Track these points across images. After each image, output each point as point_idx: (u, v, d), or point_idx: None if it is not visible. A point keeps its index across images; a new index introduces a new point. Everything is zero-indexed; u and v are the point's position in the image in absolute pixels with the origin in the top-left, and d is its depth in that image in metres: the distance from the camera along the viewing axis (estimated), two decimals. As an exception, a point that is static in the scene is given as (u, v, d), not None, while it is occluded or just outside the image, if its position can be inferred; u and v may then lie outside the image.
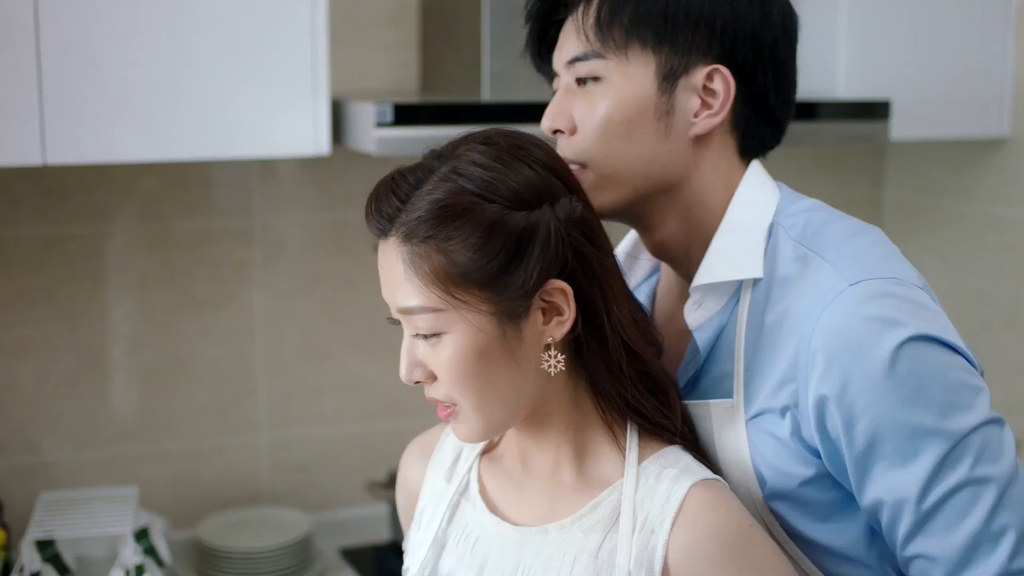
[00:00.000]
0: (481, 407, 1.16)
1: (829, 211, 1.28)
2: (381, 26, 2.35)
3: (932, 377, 1.13)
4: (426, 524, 1.29)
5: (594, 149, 1.26)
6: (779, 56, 1.28)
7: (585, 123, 1.26)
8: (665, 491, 1.15)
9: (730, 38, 1.25)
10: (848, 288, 1.15)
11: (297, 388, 2.43)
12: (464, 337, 1.13)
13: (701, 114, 1.26)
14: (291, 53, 1.94)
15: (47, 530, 2.07)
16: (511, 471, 1.26)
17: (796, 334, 1.17)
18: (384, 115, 1.91)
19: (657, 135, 1.25)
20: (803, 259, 1.21)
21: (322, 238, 2.41)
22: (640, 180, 1.26)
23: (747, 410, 1.21)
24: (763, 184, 1.30)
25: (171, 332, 2.33)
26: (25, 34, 1.79)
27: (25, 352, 2.24)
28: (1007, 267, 2.47)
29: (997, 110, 2.42)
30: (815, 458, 1.18)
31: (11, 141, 1.82)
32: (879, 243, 1.24)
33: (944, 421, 1.12)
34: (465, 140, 1.18)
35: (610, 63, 1.25)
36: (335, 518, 2.47)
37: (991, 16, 2.38)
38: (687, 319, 1.26)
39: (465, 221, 1.12)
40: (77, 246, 2.25)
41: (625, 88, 1.24)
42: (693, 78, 1.25)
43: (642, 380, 1.20)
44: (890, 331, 1.13)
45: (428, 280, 1.12)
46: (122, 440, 2.32)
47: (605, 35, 1.25)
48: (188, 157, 1.94)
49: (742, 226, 1.26)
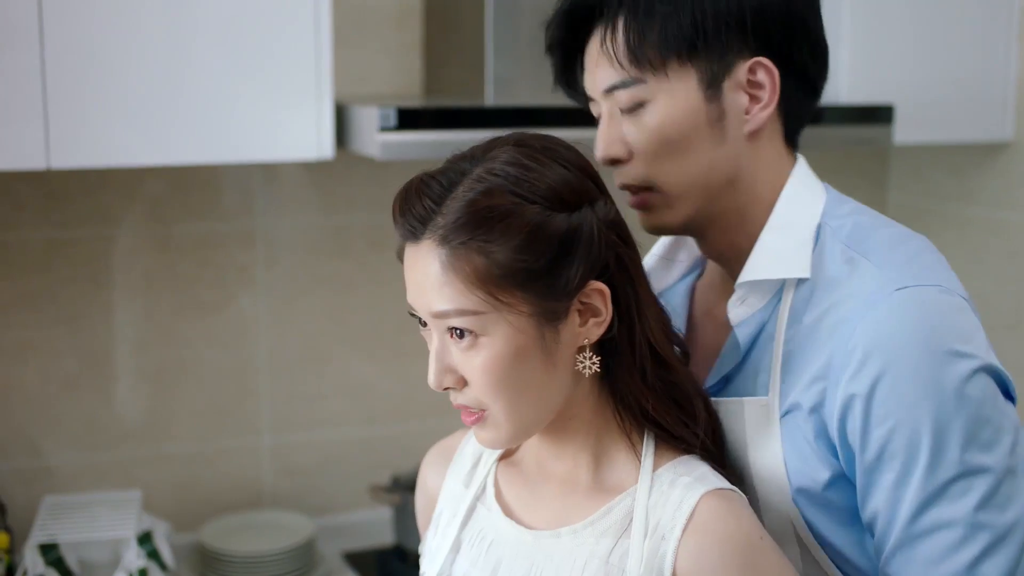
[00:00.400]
0: (512, 412, 1.15)
1: (876, 216, 1.28)
2: (385, 29, 2.35)
3: (965, 404, 1.12)
4: (443, 528, 1.30)
5: (655, 171, 1.26)
6: (810, 26, 1.28)
7: (640, 148, 1.25)
8: (678, 498, 1.15)
9: (762, 28, 1.24)
10: (895, 292, 1.15)
11: (300, 391, 2.43)
12: (503, 339, 1.12)
13: (752, 109, 1.25)
14: (294, 57, 1.94)
15: (50, 534, 2.07)
16: (528, 476, 1.26)
17: (836, 334, 1.17)
18: (388, 119, 1.91)
19: (713, 142, 1.25)
20: (851, 262, 1.20)
21: (325, 242, 2.41)
22: (705, 189, 1.26)
23: (780, 408, 1.21)
24: (810, 181, 1.30)
25: (174, 335, 2.33)
26: (29, 38, 1.80)
27: (28, 355, 2.24)
28: (1010, 271, 2.46)
29: (1000, 114, 2.42)
30: (836, 460, 1.18)
31: (15, 145, 1.82)
32: (926, 250, 1.23)
33: (963, 451, 1.11)
34: (495, 143, 1.17)
35: (651, 85, 1.24)
36: (338, 522, 2.47)
37: (994, 20, 2.38)
38: (730, 314, 1.26)
39: (509, 222, 1.11)
40: (80, 249, 2.25)
41: (672, 106, 1.24)
42: (736, 77, 1.24)
43: (667, 389, 1.20)
44: (932, 341, 1.12)
45: (469, 282, 1.11)
46: (125, 443, 2.32)
47: (639, 59, 1.23)
48: (191, 161, 1.94)
49: (790, 223, 1.26)
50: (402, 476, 2.34)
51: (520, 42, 2.09)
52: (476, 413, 1.17)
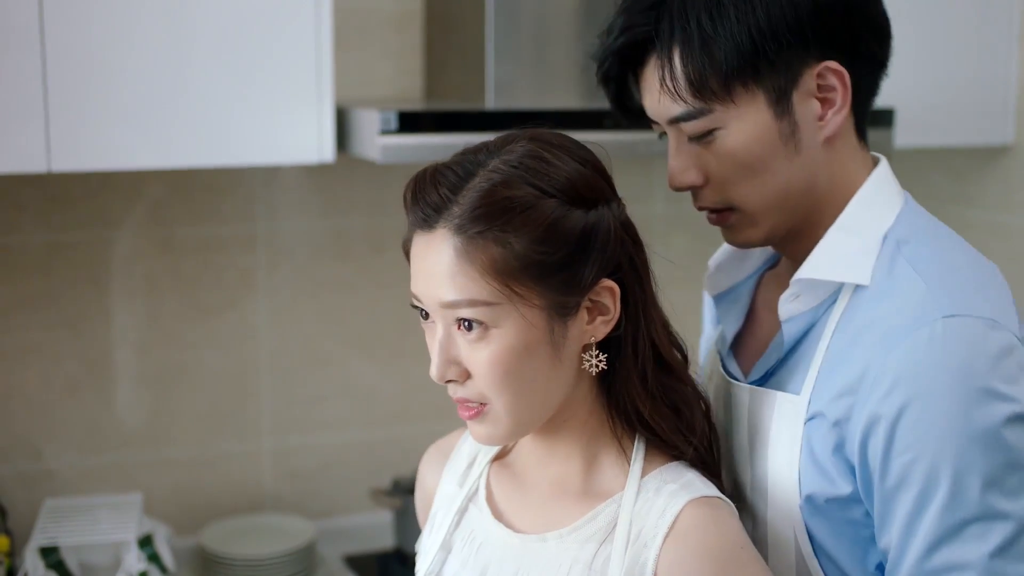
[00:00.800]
0: (514, 406, 1.15)
1: (950, 236, 1.25)
2: (385, 33, 2.35)
3: (996, 447, 1.08)
4: (437, 528, 1.30)
5: (735, 194, 1.24)
6: (870, 11, 1.25)
7: (717, 173, 1.23)
8: (662, 506, 1.14)
9: (823, 31, 1.20)
10: (939, 320, 1.11)
11: (301, 395, 2.43)
12: (514, 331, 1.12)
13: (827, 114, 1.22)
14: (295, 60, 1.94)
15: (51, 537, 2.07)
16: (519, 478, 1.26)
17: (873, 350, 1.14)
18: (388, 122, 1.91)
19: (788, 156, 1.22)
20: (906, 278, 1.17)
21: (326, 245, 2.41)
22: (785, 202, 1.24)
23: (808, 410, 1.19)
24: (888, 187, 1.27)
25: (175, 338, 2.33)
26: (30, 41, 1.80)
27: (29, 358, 2.24)
28: (1011, 274, 2.44)
29: (1001, 118, 2.41)
30: (851, 477, 1.16)
31: (16, 148, 1.82)
32: (990, 280, 1.20)
33: (984, 493, 1.08)
34: (510, 137, 1.17)
35: (718, 114, 1.21)
36: (338, 525, 2.47)
37: (995, 24, 2.38)
38: (780, 309, 1.24)
39: (529, 214, 1.10)
40: (81, 252, 2.25)
41: (744, 131, 1.21)
42: (805, 86, 1.21)
43: (665, 394, 1.20)
44: (968, 377, 1.09)
45: (484, 272, 1.10)
46: (126, 446, 2.32)
47: (703, 92, 1.20)
48: (192, 164, 1.94)
49: (858, 226, 1.23)
50: (403, 479, 2.34)
51: (520, 45, 2.10)
52: (475, 407, 1.16)
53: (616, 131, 1.83)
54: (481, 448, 1.32)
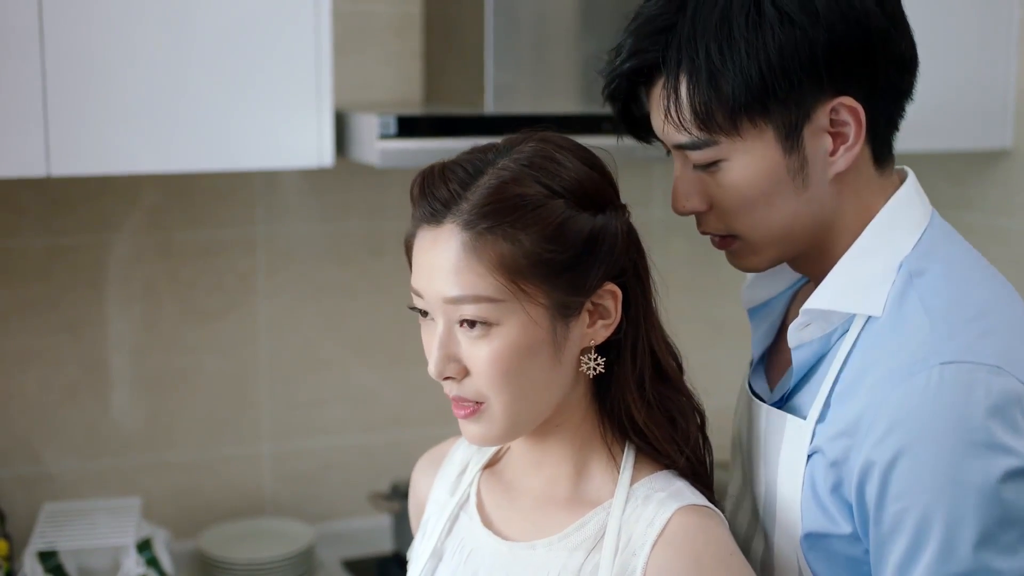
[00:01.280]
0: (512, 406, 1.14)
1: (970, 267, 1.19)
2: (385, 37, 2.35)
3: (991, 503, 1.05)
4: (428, 535, 1.30)
5: (738, 224, 1.21)
6: (893, 41, 1.18)
7: (721, 203, 1.20)
8: (650, 514, 1.14)
9: (839, 65, 1.14)
10: (937, 367, 1.08)
11: (300, 399, 2.43)
12: (517, 329, 1.11)
13: (838, 151, 1.17)
14: (295, 65, 1.94)
15: (49, 541, 2.07)
16: (508, 486, 1.26)
17: (871, 393, 1.11)
18: (388, 127, 1.91)
19: (796, 192, 1.18)
20: (914, 314, 1.13)
21: (325, 249, 2.41)
22: (790, 235, 1.21)
23: (813, 441, 1.16)
24: (909, 208, 1.21)
25: (174, 342, 2.33)
26: (29, 45, 1.80)
27: (28, 362, 2.24)
28: (1009, 278, 2.45)
29: (999, 122, 2.42)
30: (850, 516, 1.14)
31: (15, 152, 1.82)
32: (1003, 321, 1.14)
33: (977, 550, 1.05)
34: (520, 138, 1.17)
35: (724, 147, 1.17)
36: (337, 529, 2.47)
37: (993, 28, 2.38)
38: (789, 337, 1.21)
39: (540, 212, 1.10)
40: (81, 256, 2.25)
41: (749, 165, 1.17)
42: (817, 122, 1.16)
43: (662, 402, 1.20)
44: (964, 428, 1.05)
45: (492, 267, 1.10)
46: (125, 450, 2.32)
47: (708, 124, 1.16)
48: (192, 169, 1.94)
49: (873, 254, 1.18)
50: (401, 484, 2.34)
51: (520, 50, 2.10)
52: (471, 406, 1.15)
53: (614, 135, 1.82)
54: (473, 456, 1.32)
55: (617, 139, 1.34)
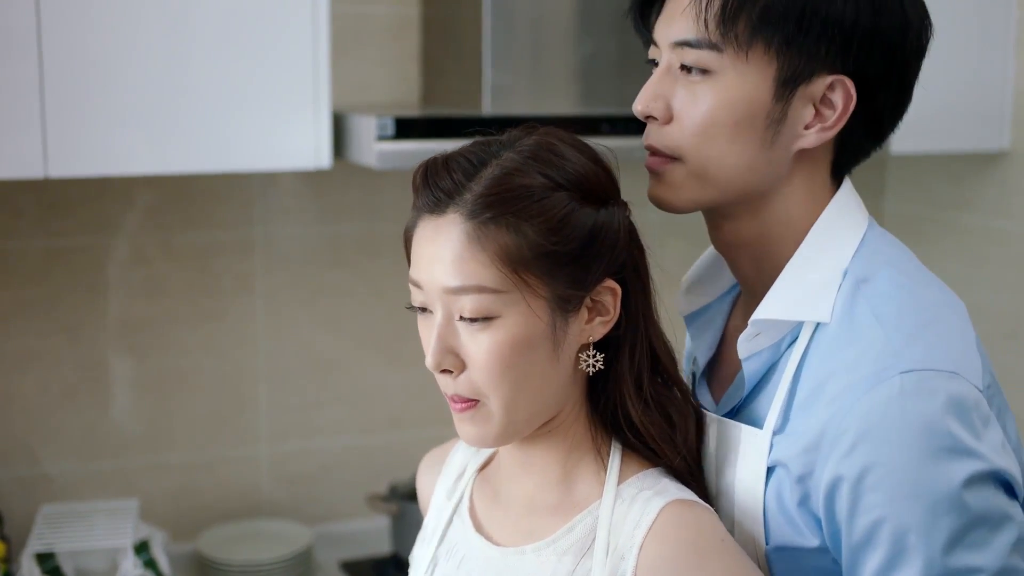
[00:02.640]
0: (511, 403, 1.13)
1: (912, 273, 1.18)
2: (382, 39, 2.35)
3: (957, 507, 1.05)
4: (428, 539, 1.30)
5: (690, 146, 1.17)
6: (908, 76, 1.19)
7: (685, 116, 1.16)
8: (637, 514, 1.13)
9: (865, 52, 1.14)
10: (898, 375, 1.07)
11: (297, 400, 2.43)
12: (518, 322, 1.10)
13: (813, 126, 1.16)
14: (293, 66, 1.95)
15: (47, 543, 2.07)
16: (499, 489, 1.25)
17: (833, 406, 1.10)
18: (385, 128, 1.91)
19: (762, 143, 1.16)
20: (865, 324, 1.12)
21: (323, 251, 2.41)
22: (731, 185, 1.17)
23: (771, 454, 1.15)
24: (848, 216, 1.21)
25: (172, 344, 2.33)
26: (27, 47, 1.80)
27: (26, 364, 2.24)
28: (1008, 279, 2.47)
29: (997, 123, 2.42)
30: (819, 529, 1.13)
31: (13, 154, 1.82)
32: (952, 324, 1.14)
33: (950, 553, 1.05)
34: (522, 131, 1.17)
35: (725, 58, 1.14)
36: (335, 531, 2.47)
37: (991, 30, 2.39)
38: (739, 347, 1.20)
39: (544, 203, 1.10)
40: (79, 258, 2.25)
41: (738, 89, 1.14)
42: (813, 87, 1.15)
43: (659, 400, 1.19)
44: (929, 437, 1.05)
45: (495, 258, 1.09)
46: (123, 452, 2.32)
47: (728, 28, 1.13)
48: (190, 170, 1.94)
49: (816, 261, 1.17)
50: (400, 485, 2.34)
51: (517, 51, 2.10)
52: (469, 402, 1.14)
53: (613, 136, 1.83)
54: (471, 459, 1.31)
55: (614, 138, 1.33)
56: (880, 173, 2.77)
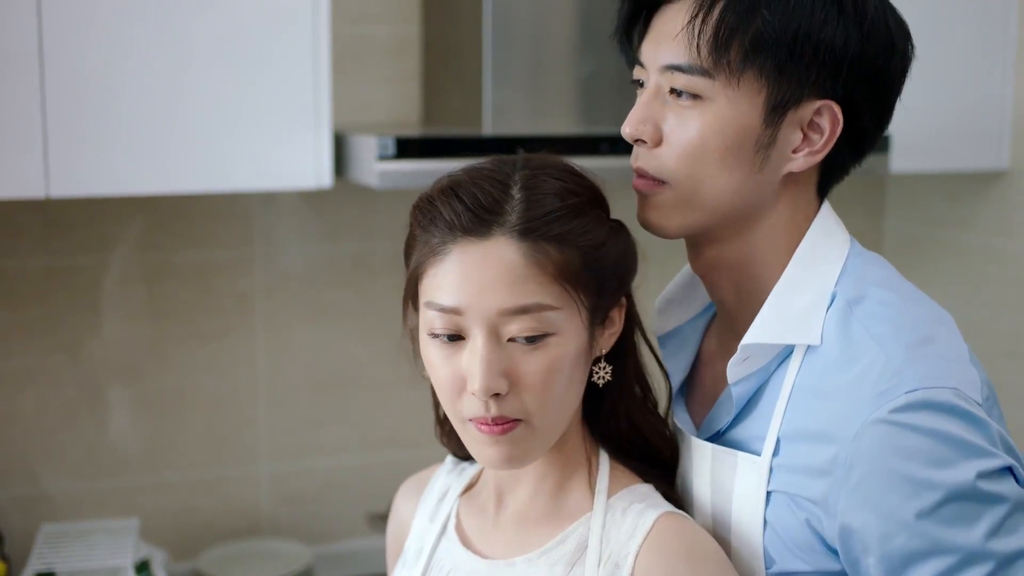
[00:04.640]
0: (555, 419, 1.13)
1: (901, 290, 1.19)
2: (383, 59, 2.36)
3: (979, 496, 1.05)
4: (411, 562, 1.29)
5: (679, 171, 1.17)
6: (891, 97, 1.21)
7: (675, 141, 1.17)
8: (631, 525, 1.14)
9: (853, 76, 1.15)
10: (903, 396, 1.07)
11: (298, 419, 2.43)
12: (571, 337, 1.11)
13: (801, 150, 1.17)
14: (293, 86, 1.95)
15: (48, 562, 2.06)
16: (488, 505, 1.25)
17: (841, 430, 1.09)
18: (386, 148, 1.91)
19: (751, 168, 1.16)
20: (861, 344, 1.12)
21: (323, 270, 2.41)
22: (720, 209, 1.18)
23: (771, 479, 1.15)
24: (830, 238, 1.22)
25: (172, 363, 2.33)
26: (29, 67, 1.81)
27: (26, 383, 2.24)
28: (1007, 298, 2.47)
29: (996, 142, 2.42)
30: (824, 549, 1.12)
31: (14, 173, 1.82)
32: (945, 339, 1.15)
33: (985, 539, 1.05)
34: (517, 157, 1.17)
35: (716, 84, 1.14)
36: (336, 550, 2.46)
37: (990, 49, 2.39)
38: (728, 372, 1.19)
39: (587, 220, 1.12)
40: (79, 277, 2.25)
41: (728, 114, 1.15)
42: (802, 112, 1.16)
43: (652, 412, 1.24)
44: (938, 450, 1.05)
45: (553, 276, 1.09)
46: (123, 471, 2.32)
47: (719, 54, 1.13)
48: (190, 190, 1.95)
49: (803, 284, 1.18)
50: (400, 504, 2.34)
51: (517, 71, 2.10)
52: (510, 423, 1.11)
53: (612, 156, 1.83)
54: (452, 483, 1.31)
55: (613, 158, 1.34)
56: (880, 192, 2.77)
